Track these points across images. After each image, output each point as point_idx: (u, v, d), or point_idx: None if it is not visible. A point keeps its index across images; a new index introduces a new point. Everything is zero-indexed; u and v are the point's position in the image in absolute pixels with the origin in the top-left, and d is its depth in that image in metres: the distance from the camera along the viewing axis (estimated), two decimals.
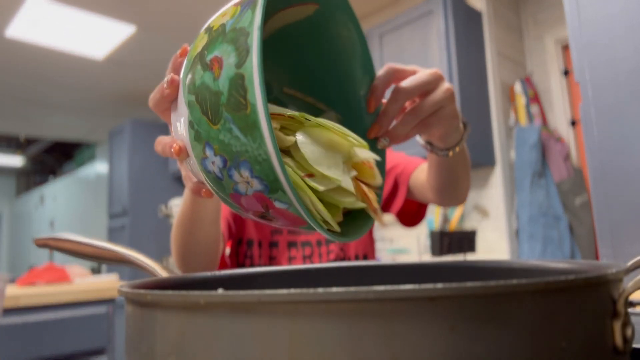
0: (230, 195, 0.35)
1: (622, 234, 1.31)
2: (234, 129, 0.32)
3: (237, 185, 0.34)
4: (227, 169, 0.33)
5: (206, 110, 0.33)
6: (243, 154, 0.32)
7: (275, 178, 0.31)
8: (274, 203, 0.34)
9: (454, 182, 0.71)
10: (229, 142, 0.32)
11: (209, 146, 0.33)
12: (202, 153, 0.34)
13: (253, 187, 0.33)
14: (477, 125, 2.41)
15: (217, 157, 0.33)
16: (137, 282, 0.32)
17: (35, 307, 1.63)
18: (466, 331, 0.19)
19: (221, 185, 0.35)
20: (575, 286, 0.21)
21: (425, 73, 0.48)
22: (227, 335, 0.21)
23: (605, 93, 1.37)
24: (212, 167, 0.34)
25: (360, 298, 0.19)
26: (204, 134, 0.34)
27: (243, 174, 0.33)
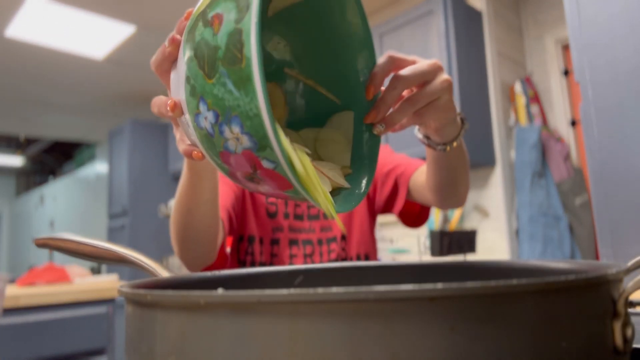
0: (220, 154, 0.36)
1: (622, 234, 1.31)
2: (228, 82, 0.32)
3: (227, 143, 0.34)
4: (218, 125, 0.34)
5: (203, 65, 0.34)
6: (235, 109, 0.32)
7: (265, 134, 0.32)
8: (262, 162, 0.34)
9: (452, 182, 0.72)
10: (222, 96, 0.33)
11: (203, 101, 0.34)
12: (196, 108, 0.35)
13: (242, 144, 0.34)
14: (477, 125, 2.41)
15: (210, 112, 0.34)
16: (137, 282, 0.32)
17: (35, 307, 1.63)
18: (466, 331, 0.19)
19: (212, 142, 0.36)
20: (576, 286, 0.21)
21: (424, 63, 0.49)
22: (227, 335, 0.21)
23: (605, 93, 1.38)
24: (205, 122, 0.35)
25: (360, 298, 0.19)
26: (199, 88, 0.34)
27: (234, 129, 0.33)
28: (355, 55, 0.47)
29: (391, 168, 0.90)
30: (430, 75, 0.49)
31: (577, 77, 1.35)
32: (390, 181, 0.90)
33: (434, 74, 0.49)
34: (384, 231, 2.86)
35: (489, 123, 2.50)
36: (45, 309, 1.65)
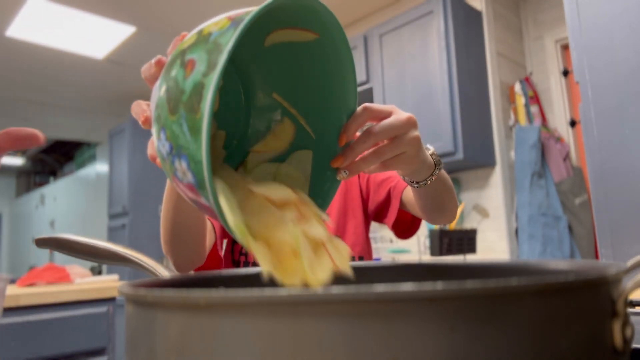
0: (172, 177, 0.40)
1: (622, 234, 1.31)
2: (184, 125, 0.36)
3: (177, 172, 0.39)
4: (171, 155, 0.38)
5: (169, 100, 0.38)
6: (185, 149, 0.37)
7: (202, 180, 0.36)
8: (200, 198, 0.38)
9: (437, 205, 0.75)
10: (177, 134, 0.37)
11: (164, 131, 0.38)
12: (158, 134, 0.39)
13: (187, 178, 0.38)
14: (477, 125, 2.41)
15: (167, 143, 0.38)
16: (138, 281, 0.32)
17: (36, 306, 1.63)
18: (466, 331, 0.19)
19: (166, 166, 0.40)
20: (575, 286, 0.21)
21: (398, 119, 0.52)
22: (227, 335, 0.21)
23: (604, 93, 1.38)
24: (162, 149, 0.39)
25: (360, 298, 0.19)
26: (162, 119, 0.38)
27: (182, 164, 0.37)
28: (339, 97, 0.50)
29: (385, 178, 0.92)
30: (402, 130, 0.52)
31: (576, 78, 1.35)
32: (383, 191, 0.92)
33: (406, 129, 0.53)
34: (383, 231, 2.86)
35: (488, 123, 2.50)
36: (46, 309, 1.65)
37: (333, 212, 0.93)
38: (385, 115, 0.53)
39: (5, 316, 1.55)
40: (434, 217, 0.79)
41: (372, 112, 0.51)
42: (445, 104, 2.32)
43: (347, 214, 0.94)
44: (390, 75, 2.59)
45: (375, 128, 0.51)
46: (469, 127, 2.34)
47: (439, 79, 2.36)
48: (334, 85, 0.49)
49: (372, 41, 2.69)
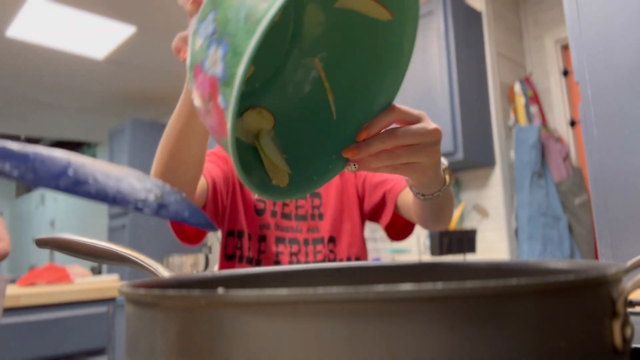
0: (194, 67, 0.37)
1: (622, 234, 1.31)
2: (242, 12, 0.33)
3: (206, 60, 0.36)
4: (209, 39, 0.35)
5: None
6: (230, 37, 0.34)
7: (234, 74, 0.33)
8: (218, 96, 0.35)
9: (435, 216, 0.74)
10: (230, 19, 0.34)
11: (215, 11, 0.36)
12: (206, 14, 0.36)
13: (215, 69, 0.35)
14: (477, 125, 2.41)
15: (212, 24, 0.36)
16: (138, 281, 0.32)
17: (36, 306, 1.63)
18: (466, 331, 0.19)
19: (196, 52, 0.37)
20: (575, 286, 0.21)
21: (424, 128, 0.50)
22: (227, 335, 0.21)
23: (605, 93, 1.38)
24: (203, 30, 0.36)
25: (360, 298, 0.19)
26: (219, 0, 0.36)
27: (218, 52, 0.35)
28: (380, 91, 0.47)
29: (381, 180, 0.93)
30: (425, 140, 0.50)
31: (576, 78, 1.36)
32: (379, 193, 0.92)
33: (429, 139, 0.50)
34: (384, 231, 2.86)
35: (488, 123, 2.50)
36: (46, 309, 1.65)
37: (330, 212, 0.93)
38: (413, 121, 0.51)
39: (6, 316, 1.55)
40: (429, 225, 0.80)
41: (400, 114, 0.50)
42: (445, 104, 2.32)
43: (343, 214, 0.95)
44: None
45: (399, 131, 0.49)
46: (469, 127, 2.34)
47: (439, 79, 2.36)
48: (380, 76, 0.46)
49: None
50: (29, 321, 1.59)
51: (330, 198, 0.94)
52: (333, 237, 0.92)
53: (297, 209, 0.93)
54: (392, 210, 0.89)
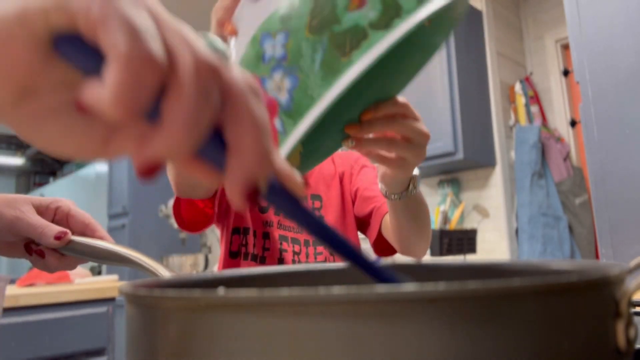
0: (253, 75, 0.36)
1: (622, 234, 1.31)
2: (319, 55, 0.31)
3: (269, 80, 0.34)
4: (277, 62, 0.34)
5: (314, 15, 0.32)
6: (303, 74, 0.32)
7: (300, 113, 0.32)
8: (276, 118, 0.35)
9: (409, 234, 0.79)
10: (304, 54, 0.32)
11: (285, 35, 0.33)
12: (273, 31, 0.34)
13: (278, 95, 0.34)
14: (477, 125, 2.41)
15: (282, 49, 0.33)
16: (138, 282, 0.32)
17: (36, 306, 1.63)
18: (468, 332, 0.19)
19: (254, 63, 0.35)
20: (578, 287, 0.21)
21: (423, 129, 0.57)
22: (227, 336, 0.21)
23: (605, 93, 1.38)
24: (270, 49, 0.34)
25: (361, 299, 0.19)
26: (293, 26, 0.33)
27: (285, 81, 0.33)
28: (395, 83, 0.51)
29: (371, 196, 0.93)
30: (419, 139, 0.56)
31: (577, 77, 1.35)
32: (367, 207, 0.93)
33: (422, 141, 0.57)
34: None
35: (488, 123, 2.50)
36: (46, 309, 1.65)
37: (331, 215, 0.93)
38: (415, 118, 0.56)
39: (5, 316, 1.55)
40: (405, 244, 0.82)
41: (407, 109, 0.55)
42: (445, 104, 2.32)
43: (345, 217, 0.95)
44: None
45: (402, 122, 0.54)
46: (469, 127, 2.34)
47: (439, 78, 2.36)
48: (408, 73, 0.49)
49: None
50: (29, 321, 1.59)
51: (331, 200, 0.94)
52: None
53: None
54: (378, 230, 0.90)
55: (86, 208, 6.20)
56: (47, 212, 0.53)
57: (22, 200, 0.51)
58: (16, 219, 0.48)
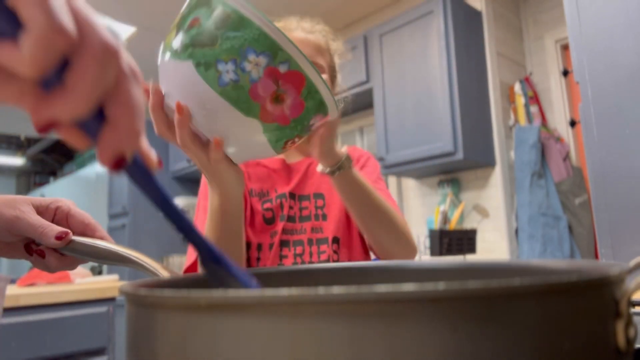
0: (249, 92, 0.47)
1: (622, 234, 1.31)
2: (229, 33, 0.45)
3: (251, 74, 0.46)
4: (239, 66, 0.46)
5: (204, 44, 0.46)
6: (245, 44, 0.45)
7: (273, 41, 0.46)
8: (279, 68, 0.46)
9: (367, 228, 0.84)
10: (231, 45, 0.46)
11: (220, 62, 0.46)
12: (216, 72, 0.46)
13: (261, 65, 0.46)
14: (477, 125, 2.41)
15: (229, 63, 0.46)
16: (138, 282, 0.32)
17: (36, 306, 1.62)
18: (468, 332, 0.19)
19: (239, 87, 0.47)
20: (578, 287, 0.21)
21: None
22: (228, 336, 0.21)
23: (604, 93, 1.37)
24: (228, 76, 0.46)
25: (361, 299, 0.19)
26: (211, 58, 0.46)
27: (251, 59, 0.45)
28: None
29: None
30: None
31: (576, 78, 1.35)
32: None
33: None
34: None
35: (488, 123, 2.50)
36: (46, 309, 1.65)
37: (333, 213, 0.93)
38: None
39: (5, 316, 1.55)
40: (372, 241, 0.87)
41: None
42: (445, 104, 2.32)
43: (349, 219, 0.95)
44: (390, 75, 2.58)
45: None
46: (469, 127, 2.34)
47: (439, 79, 2.36)
48: None
49: (372, 41, 2.69)
50: (29, 321, 1.59)
51: (334, 199, 0.94)
52: (337, 237, 0.92)
53: (301, 210, 0.93)
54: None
55: (86, 208, 6.19)
56: (47, 212, 0.53)
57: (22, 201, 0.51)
58: (16, 219, 0.48)
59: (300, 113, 0.50)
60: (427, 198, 2.76)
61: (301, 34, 0.89)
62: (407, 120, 2.46)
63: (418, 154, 2.40)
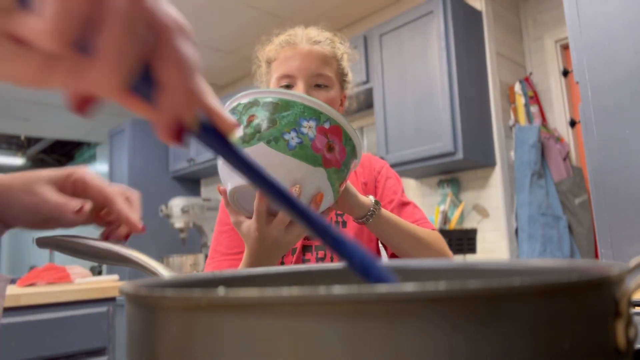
0: (312, 147, 0.62)
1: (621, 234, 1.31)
2: (283, 114, 0.63)
3: (309, 135, 0.62)
4: (299, 132, 0.62)
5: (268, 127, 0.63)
6: (297, 116, 0.62)
7: (314, 109, 0.63)
8: (325, 126, 0.63)
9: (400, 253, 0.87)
10: (287, 120, 0.62)
11: (285, 133, 0.62)
12: (284, 141, 0.62)
13: (313, 127, 0.62)
14: (477, 125, 2.41)
15: (292, 132, 0.62)
16: (139, 281, 0.32)
17: (36, 306, 1.63)
18: (468, 332, 0.19)
19: (304, 146, 0.62)
20: (578, 287, 0.21)
21: None
22: (228, 336, 0.21)
23: (604, 93, 1.37)
24: (293, 141, 0.62)
25: (362, 299, 0.19)
26: (277, 133, 0.62)
27: (305, 125, 0.62)
28: None
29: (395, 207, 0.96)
30: None
31: (576, 78, 1.35)
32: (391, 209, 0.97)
33: None
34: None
35: (488, 123, 2.50)
36: (46, 308, 1.65)
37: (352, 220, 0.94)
38: None
39: (6, 316, 1.55)
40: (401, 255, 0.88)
41: None
42: (445, 104, 2.32)
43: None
44: (390, 75, 2.58)
45: None
46: (469, 127, 2.34)
47: (439, 79, 2.36)
48: None
49: (372, 41, 2.69)
50: (29, 321, 1.59)
51: None
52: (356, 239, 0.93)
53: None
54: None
55: None
56: (66, 185, 0.52)
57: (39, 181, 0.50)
58: (36, 206, 0.48)
59: (345, 156, 0.65)
60: (427, 198, 2.76)
61: (306, 46, 0.89)
62: (407, 120, 2.46)
63: (418, 154, 2.40)
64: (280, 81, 0.88)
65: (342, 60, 0.95)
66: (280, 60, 0.89)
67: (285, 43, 0.90)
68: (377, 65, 2.65)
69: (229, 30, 3.25)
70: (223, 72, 3.98)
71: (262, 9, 2.93)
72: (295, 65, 0.87)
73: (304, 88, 0.86)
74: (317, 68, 0.87)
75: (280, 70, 0.88)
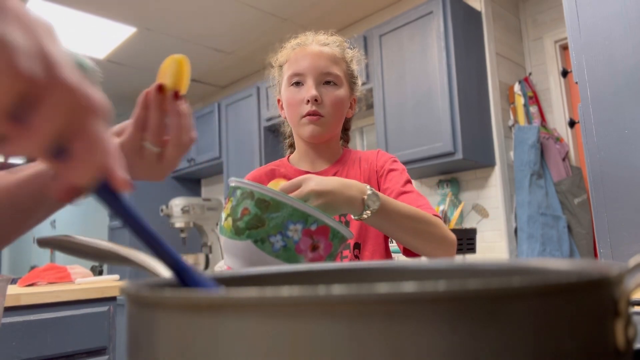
0: (295, 249, 0.65)
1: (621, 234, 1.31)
2: (272, 215, 0.65)
3: (293, 238, 0.64)
4: (284, 235, 0.65)
5: (257, 226, 0.66)
6: (285, 219, 0.64)
7: (302, 212, 0.65)
8: (311, 228, 0.65)
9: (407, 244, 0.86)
10: (275, 223, 0.65)
11: (271, 236, 0.65)
12: (269, 244, 0.65)
13: (299, 230, 0.64)
14: (477, 125, 2.41)
15: (277, 235, 0.65)
16: (139, 281, 0.32)
17: (36, 306, 1.63)
18: (468, 332, 0.19)
19: (288, 249, 0.65)
20: (578, 287, 0.21)
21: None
22: (228, 336, 0.21)
23: (604, 94, 1.38)
24: (278, 244, 0.65)
25: (361, 299, 0.19)
26: (264, 235, 0.65)
27: (291, 228, 0.65)
28: None
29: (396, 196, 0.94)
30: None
31: (576, 78, 1.35)
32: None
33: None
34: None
35: (488, 123, 2.50)
36: (47, 308, 1.65)
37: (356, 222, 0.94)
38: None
39: (6, 316, 1.55)
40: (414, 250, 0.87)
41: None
42: (444, 104, 2.32)
43: None
44: (390, 75, 2.59)
45: None
46: (469, 127, 2.34)
47: (438, 79, 2.36)
48: None
49: (372, 41, 2.69)
50: (30, 321, 1.59)
51: None
52: (358, 243, 0.94)
53: None
54: None
55: (86, 208, 6.19)
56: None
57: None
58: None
59: (332, 249, 0.68)
60: (427, 198, 2.76)
61: (316, 47, 0.94)
62: (407, 120, 2.46)
63: (418, 154, 2.40)
64: (291, 79, 0.93)
65: (351, 63, 0.98)
66: (291, 61, 0.95)
67: (297, 45, 0.96)
68: (377, 65, 2.65)
69: (229, 31, 3.25)
70: (223, 72, 3.98)
71: (263, 10, 2.93)
72: (305, 64, 0.92)
73: (313, 84, 0.89)
74: (326, 67, 0.92)
75: (291, 70, 0.93)
